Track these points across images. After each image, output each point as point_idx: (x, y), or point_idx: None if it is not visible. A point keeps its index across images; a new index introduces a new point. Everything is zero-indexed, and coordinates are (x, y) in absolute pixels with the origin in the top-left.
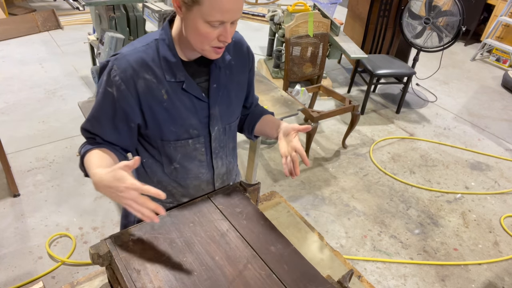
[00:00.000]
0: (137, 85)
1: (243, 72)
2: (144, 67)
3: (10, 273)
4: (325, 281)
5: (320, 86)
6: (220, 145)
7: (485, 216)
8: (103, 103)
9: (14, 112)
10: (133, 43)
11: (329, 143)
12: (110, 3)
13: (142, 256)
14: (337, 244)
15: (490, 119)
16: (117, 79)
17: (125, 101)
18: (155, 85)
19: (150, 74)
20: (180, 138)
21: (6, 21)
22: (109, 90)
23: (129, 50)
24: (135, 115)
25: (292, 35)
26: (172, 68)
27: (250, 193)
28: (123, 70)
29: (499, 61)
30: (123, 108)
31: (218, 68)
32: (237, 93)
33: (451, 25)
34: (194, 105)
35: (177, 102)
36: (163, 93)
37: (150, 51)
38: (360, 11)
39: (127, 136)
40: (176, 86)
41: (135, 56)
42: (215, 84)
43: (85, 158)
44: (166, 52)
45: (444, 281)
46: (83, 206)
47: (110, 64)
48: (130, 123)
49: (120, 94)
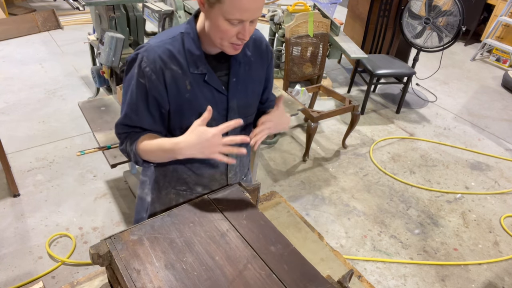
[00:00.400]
0: (165, 75)
1: (262, 68)
2: (171, 59)
3: (10, 273)
4: (325, 281)
5: (320, 86)
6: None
7: (485, 216)
8: (137, 94)
9: (14, 112)
10: (160, 36)
11: (329, 143)
12: (110, 3)
13: (142, 256)
14: (337, 244)
15: (490, 119)
16: (148, 70)
17: (156, 90)
18: (180, 76)
19: (176, 65)
20: None
21: (6, 21)
22: (141, 81)
23: (157, 42)
24: (164, 102)
25: (292, 35)
26: (196, 61)
27: (250, 193)
28: (153, 61)
29: (499, 61)
30: (155, 97)
31: (238, 63)
32: (255, 88)
33: (451, 25)
34: (214, 97)
35: (199, 93)
36: (187, 83)
37: (176, 44)
38: (360, 11)
39: (160, 122)
40: (198, 77)
41: (163, 48)
42: (235, 78)
43: (140, 146)
44: (190, 45)
45: (444, 281)
46: (83, 206)
47: (139, 57)
48: (161, 109)
49: (151, 84)
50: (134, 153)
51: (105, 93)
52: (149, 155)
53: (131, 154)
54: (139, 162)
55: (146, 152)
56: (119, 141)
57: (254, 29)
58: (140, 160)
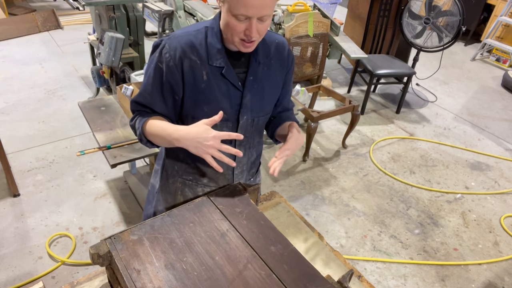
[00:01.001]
0: (183, 64)
1: (281, 73)
2: (191, 49)
3: (10, 273)
4: (325, 281)
5: (320, 86)
6: (245, 134)
7: (485, 216)
8: (154, 77)
9: (14, 112)
10: (186, 28)
11: (329, 143)
12: (110, 3)
13: (142, 256)
14: (337, 244)
15: (490, 119)
16: (167, 56)
17: (172, 75)
18: (198, 66)
19: (195, 55)
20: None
21: (6, 21)
22: (159, 65)
23: (182, 33)
24: (179, 89)
25: (292, 35)
26: (216, 54)
27: (250, 193)
28: (173, 48)
29: (499, 61)
30: (170, 82)
31: (257, 63)
32: (271, 90)
33: (451, 25)
34: (229, 91)
35: (215, 85)
36: (203, 74)
37: (199, 36)
38: (360, 11)
39: (172, 108)
40: (216, 70)
41: (186, 39)
42: (252, 77)
43: (147, 125)
44: (212, 39)
45: (444, 281)
46: (83, 206)
47: (163, 43)
48: (175, 95)
49: (168, 69)
50: (140, 130)
51: (105, 93)
52: (153, 135)
53: (138, 131)
54: (143, 141)
55: (151, 131)
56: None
57: (265, 28)
58: (144, 139)
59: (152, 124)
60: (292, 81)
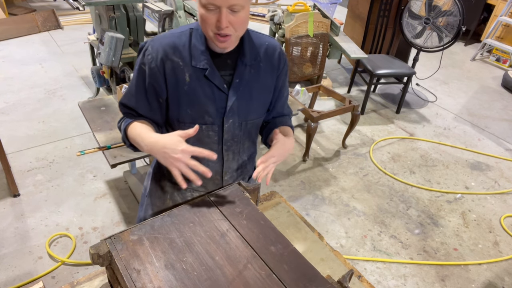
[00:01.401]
0: (165, 65)
1: (271, 76)
2: (173, 50)
3: (10, 273)
4: (325, 281)
5: (320, 86)
6: (233, 139)
7: (485, 216)
8: (137, 79)
9: (14, 112)
10: (172, 30)
11: (329, 143)
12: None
13: (142, 256)
14: (337, 244)
15: (490, 119)
16: (149, 57)
17: (155, 77)
18: (181, 68)
19: (178, 57)
20: (195, 122)
21: (6, 21)
22: (142, 67)
23: (165, 34)
24: (162, 91)
25: (292, 35)
26: (199, 55)
27: (250, 193)
28: (155, 50)
29: (499, 61)
30: (153, 84)
31: (244, 65)
32: (260, 94)
33: (451, 25)
34: (213, 94)
35: (198, 87)
36: (186, 76)
37: (183, 37)
38: (360, 11)
39: (157, 110)
40: (199, 72)
41: (168, 40)
42: (238, 79)
43: (128, 129)
44: (197, 40)
45: (444, 281)
46: (83, 206)
47: (146, 45)
48: (159, 98)
49: (150, 71)
50: (123, 133)
51: (105, 93)
52: (132, 139)
53: (122, 133)
54: (126, 143)
55: (131, 135)
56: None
57: (240, 21)
58: (127, 142)
59: (133, 127)
60: (286, 85)
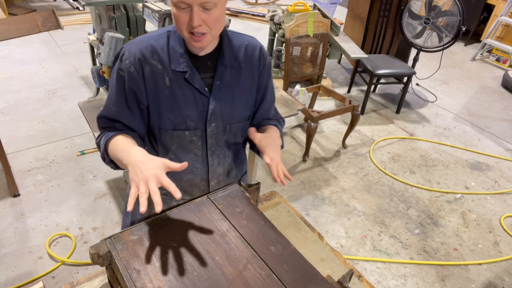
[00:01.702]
0: (144, 70)
1: (252, 76)
2: (152, 54)
3: (10, 273)
4: (325, 281)
5: (320, 86)
6: (218, 143)
7: (485, 216)
8: (117, 87)
9: (14, 112)
10: (148, 33)
11: (329, 143)
12: (110, 3)
13: (142, 256)
14: (337, 244)
15: (490, 119)
16: (127, 62)
17: (134, 82)
18: (160, 72)
19: (156, 60)
20: (177, 128)
21: (6, 21)
22: (121, 73)
23: (142, 38)
24: (142, 97)
25: (292, 35)
26: (178, 58)
27: (250, 193)
28: (133, 54)
29: (499, 61)
30: (133, 90)
31: (224, 67)
32: (242, 95)
33: (451, 25)
34: (195, 97)
35: (178, 91)
36: (166, 80)
37: (161, 40)
38: (360, 11)
39: (139, 118)
40: (179, 75)
41: (146, 43)
42: (219, 81)
43: (110, 143)
44: (174, 43)
45: (444, 281)
46: (83, 206)
47: (123, 50)
48: (140, 104)
49: (129, 76)
50: (103, 148)
51: (105, 93)
52: (112, 154)
53: (101, 149)
54: (105, 159)
55: (111, 150)
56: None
57: (214, 19)
58: (107, 158)
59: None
60: (270, 86)
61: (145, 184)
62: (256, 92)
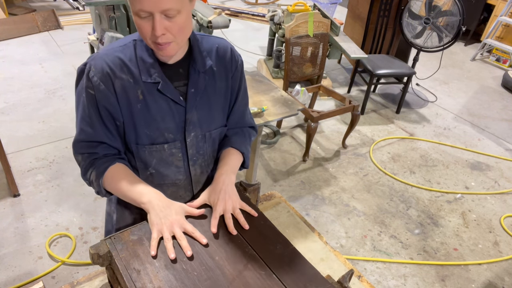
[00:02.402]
0: (114, 85)
1: (225, 79)
2: (120, 67)
3: (10, 273)
4: (325, 281)
5: (320, 86)
6: (198, 152)
7: (485, 216)
8: (88, 106)
9: (14, 112)
10: (111, 44)
11: (329, 143)
12: (110, 3)
13: (142, 256)
14: (337, 244)
15: (490, 119)
16: (95, 79)
17: (107, 99)
18: (131, 85)
19: (126, 73)
20: (155, 142)
21: (6, 21)
22: (90, 92)
23: (107, 50)
24: (117, 113)
25: (292, 35)
26: (149, 69)
27: (250, 193)
28: (100, 70)
29: (499, 61)
30: (106, 108)
31: (197, 73)
32: (218, 101)
33: (451, 25)
34: (170, 108)
35: (153, 103)
36: (138, 93)
37: (127, 51)
38: (360, 11)
39: (117, 136)
40: (151, 87)
41: (112, 56)
42: (193, 89)
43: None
44: (142, 53)
45: (444, 281)
46: (83, 206)
47: (88, 66)
48: (115, 121)
49: (100, 94)
50: (99, 188)
51: None
52: (116, 193)
53: (94, 186)
54: (101, 194)
55: (112, 188)
56: (80, 165)
57: (178, 27)
58: (104, 192)
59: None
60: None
61: (169, 230)
62: (230, 95)
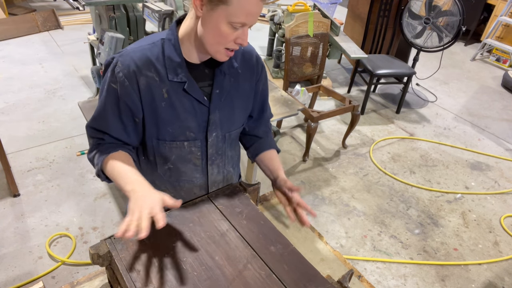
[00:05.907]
0: (139, 82)
1: (250, 82)
2: (147, 65)
3: (10, 273)
4: (325, 281)
5: (320, 86)
6: (217, 152)
7: (485, 216)
8: (108, 100)
9: (14, 112)
10: (139, 41)
11: (329, 143)
12: (110, 3)
13: (142, 256)
14: (337, 244)
15: (490, 119)
16: (121, 75)
17: (129, 96)
18: (157, 83)
19: (153, 71)
20: (176, 139)
21: (6, 21)
22: (113, 86)
23: (135, 48)
24: (138, 110)
25: (292, 35)
26: (176, 68)
27: (250, 193)
28: (126, 66)
29: (499, 61)
30: (127, 104)
31: (222, 74)
32: (241, 102)
33: (451, 25)
34: (194, 108)
35: (177, 102)
36: (163, 92)
37: (155, 50)
38: (360, 11)
39: (133, 132)
40: (177, 86)
41: (140, 54)
42: (218, 90)
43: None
44: (171, 52)
45: (444, 281)
46: (83, 206)
47: (114, 61)
48: (135, 118)
49: (123, 90)
50: (99, 168)
51: None
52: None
53: (96, 168)
54: (100, 177)
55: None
56: (89, 146)
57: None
58: (103, 176)
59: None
60: (266, 92)
61: (139, 212)
62: (253, 97)
